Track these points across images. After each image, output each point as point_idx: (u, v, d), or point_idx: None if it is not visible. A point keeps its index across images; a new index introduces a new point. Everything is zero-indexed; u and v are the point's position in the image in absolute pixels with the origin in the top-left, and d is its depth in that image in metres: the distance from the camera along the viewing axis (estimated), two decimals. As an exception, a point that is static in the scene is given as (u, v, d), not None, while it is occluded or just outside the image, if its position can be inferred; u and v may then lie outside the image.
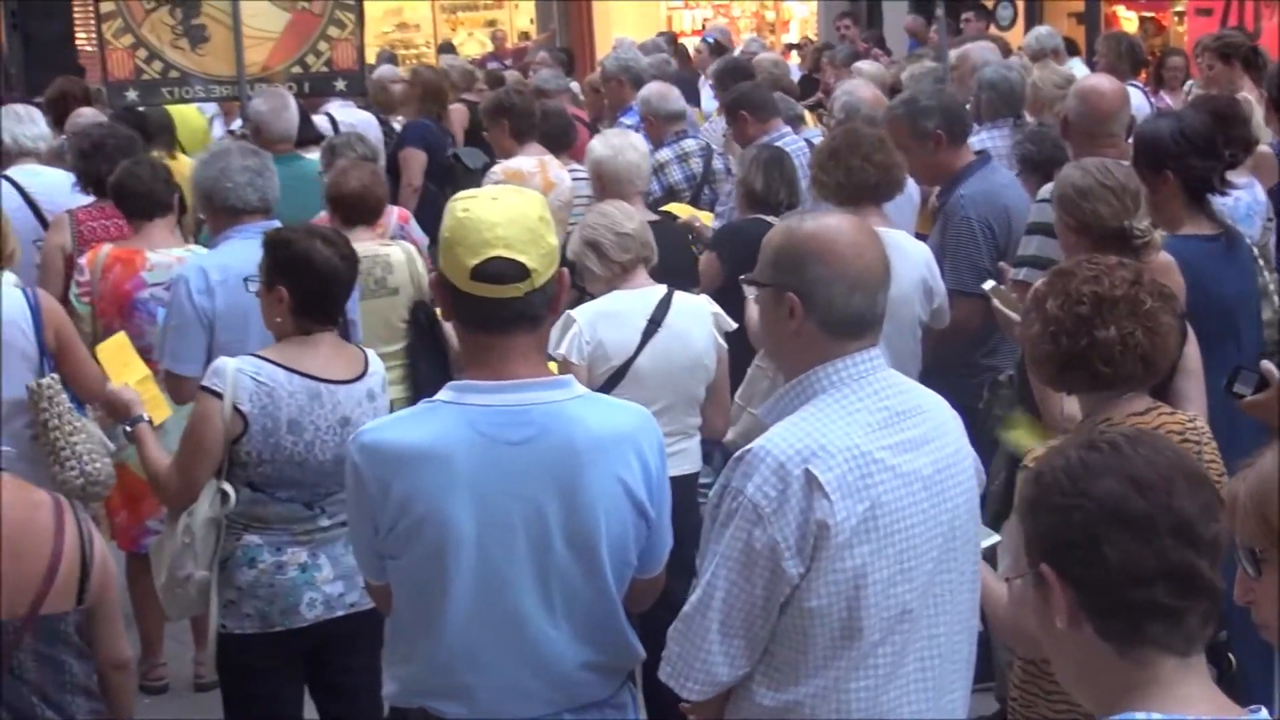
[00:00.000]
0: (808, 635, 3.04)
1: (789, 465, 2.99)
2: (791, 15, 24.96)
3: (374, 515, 3.32)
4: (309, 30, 9.72)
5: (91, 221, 7.03)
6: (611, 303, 5.54)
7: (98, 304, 6.32)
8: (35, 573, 3.73)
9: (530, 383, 3.30)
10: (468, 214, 3.26)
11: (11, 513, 3.73)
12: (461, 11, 28.11)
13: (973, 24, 14.81)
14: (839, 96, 8.27)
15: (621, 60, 10.80)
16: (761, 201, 6.81)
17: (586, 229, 5.63)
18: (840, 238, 3.17)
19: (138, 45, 9.35)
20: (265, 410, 4.48)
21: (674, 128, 9.02)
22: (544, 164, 8.30)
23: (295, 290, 4.56)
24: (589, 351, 5.42)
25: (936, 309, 6.02)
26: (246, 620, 4.63)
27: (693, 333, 5.57)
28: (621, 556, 3.36)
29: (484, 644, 3.30)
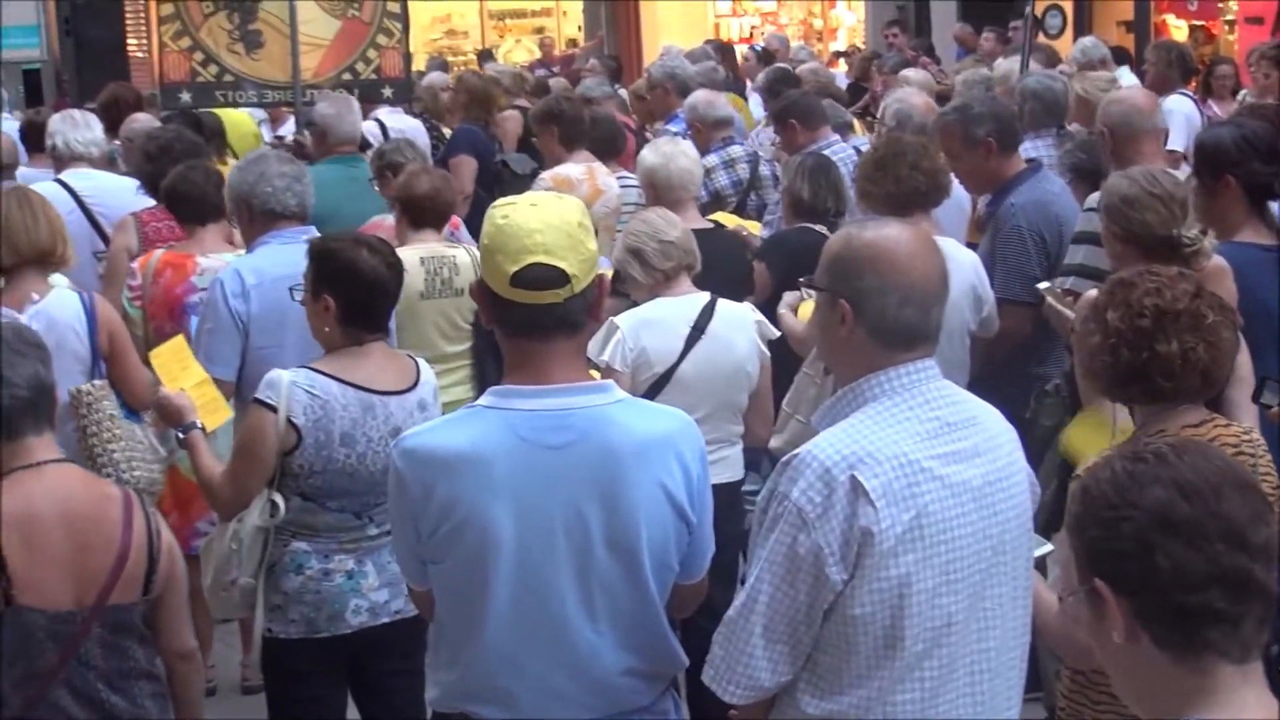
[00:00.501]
0: (851, 643, 3.04)
1: (834, 471, 2.99)
2: (840, 23, 24.93)
3: (416, 520, 3.33)
4: (359, 38, 9.82)
5: (155, 223, 7.08)
6: (655, 310, 5.55)
7: (149, 308, 6.35)
8: (104, 564, 3.81)
9: (571, 387, 3.30)
10: (507, 221, 3.27)
11: (82, 506, 3.83)
12: (510, 19, 28.19)
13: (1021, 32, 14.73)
14: (891, 104, 8.26)
15: (667, 68, 10.81)
16: (809, 210, 6.80)
17: (629, 236, 5.65)
18: (898, 249, 3.16)
19: (194, 48, 9.45)
20: (318, 424, 4.51)
21: (720, 134, 9.03)
22: (592, 171, 8.31)
23: (341, 300, 4.58)
24: (632, 358, 5.44)
25: (985, 317, 6.00)
26: (292, 625, 4.67)
27: (736, 340, 5.58)
28: (663, 561, 3.36)
29: (524, 649, 3.31)
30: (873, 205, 6.00)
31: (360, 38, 9.88)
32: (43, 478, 3.81)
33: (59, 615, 3.78)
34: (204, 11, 9.47)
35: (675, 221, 5.72)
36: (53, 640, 3.79)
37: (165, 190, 6.61)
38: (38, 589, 3.75)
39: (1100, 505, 2.17)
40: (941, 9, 19.30)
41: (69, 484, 3.86)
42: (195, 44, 9.47)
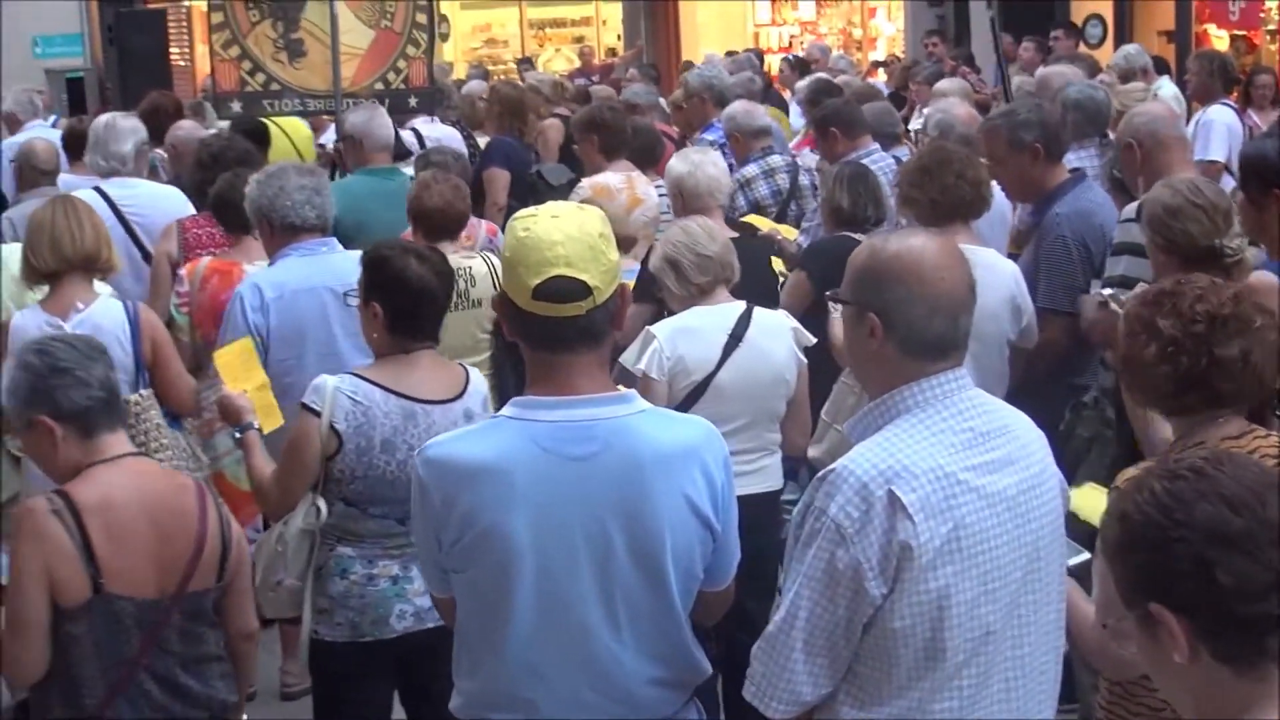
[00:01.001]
0: (892, 656, 3.04)
1: (872, 486, 2.99)
2: (879, 33, 24.92)
3: (437, 529, 3.34)
4: (391, 48, 9.87)
5: (197, 229, 7.11)
6: (691, 318, 5.55)
7: (195, 314, 6.38)
8: (183, 552, 3.98)
9: (593, 398, 3.29)
10: (528, 233, 3.26)
11: (161, 496, 4.01)
12: (549, 28, 28.28)
13: (1062, 42, 14.71)
14: (933, 115, 8.24)
15: (705, 77, 10.78)
16: (849, 219, 6.80)
17: (668, 245, 5.64)
18: (924, 259, 3.15)
19: (243, 57, 9.52)
20: (360, 430, 4.54)
21: (760, 144, 9.02)
22: (631, 180, 8.28)
23: (389, 307, 4.61)
24: (669, 367, 5.43)
25: (1025, 327, 5.97)
26: (338, 629, 4.72)
27: (773, 348, 5.56)
28: (687, 570, 3.35)
29: (546, 658, 3.31)
30: (916, 212, 5.98)
31: (392, 48, 9.94)
32: (122, 470, 3.99)
33: (146, 603, 3.93)
34: (251, 20, 9.53)
35: (716, 234, 5.70)
36: (139, 627, 3.93)
37: (213, 198, 6.66)
38: (125, 577, 3.90)
39: (1147, 529, 2.15)
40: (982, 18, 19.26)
41: (147, 475, 4.06)
42: (244, 52, 9.54)
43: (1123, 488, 2.25)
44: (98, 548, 3.86)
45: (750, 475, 5.43)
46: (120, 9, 19.33)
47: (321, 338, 5.71)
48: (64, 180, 8.94)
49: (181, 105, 10.69)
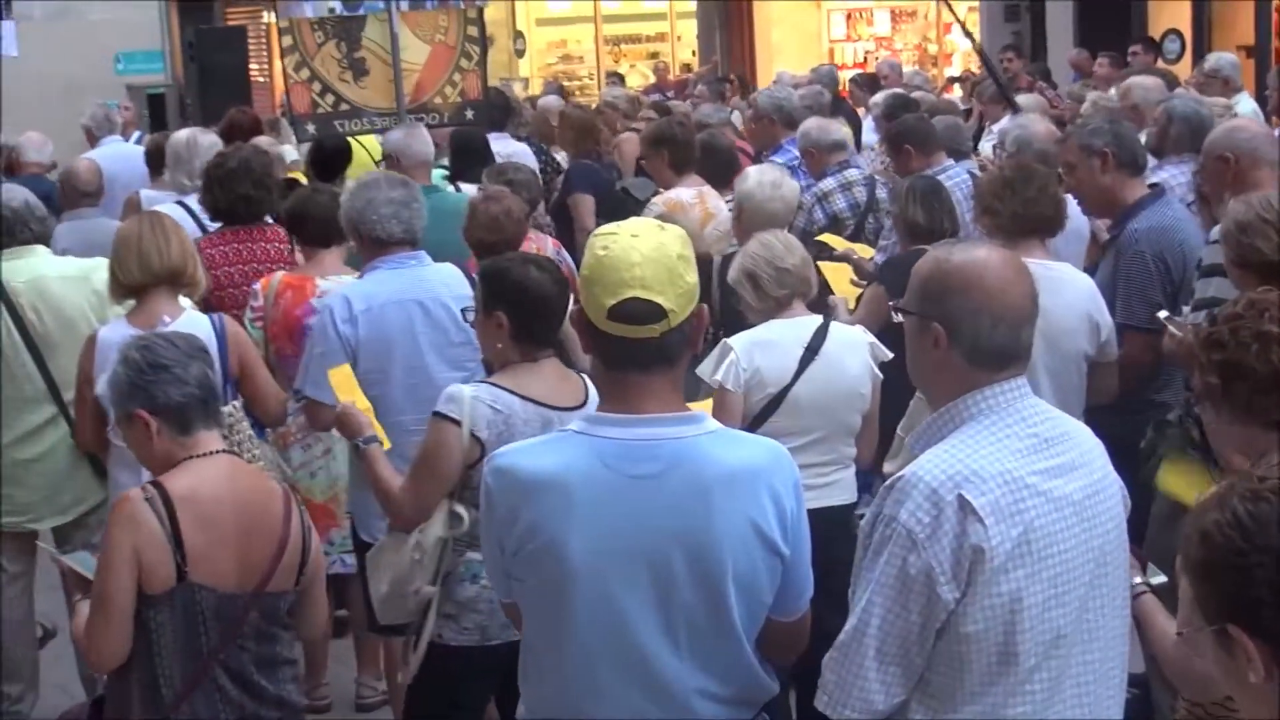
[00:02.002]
0: (964, 661, 3.05)
1: (941, 491, 3.01)
2: (954, 48, 24.85)
3: (501, 537, 3.35)
4: (446, 62, 9.94)
5: (210, 249, 7.07)
6: (768, 331, 5.56)
7: (269, 329, 6.43)
8: (266, 552, 4.10)
9: (661, 418, 3.28)
10: (607, 253, 3.24)
11: (250, 494, 4.13)
12: (625, 44, 28.38)
13: (1140, 57, 14.62)
14: (1011, 130, 8.21)
15: (775, 99, 10.77)
16: (925, 233, 6.77)
17: (747, 258, 5.65)
18: (987, 271, 3.18)
19: (312, 79, 9.60)
20: (502, 437, 4.52)
21: (836, 158, 9.00)
22: (703, 195, 8.31)
23: (513, 315, 4.65)
24: (745, 379, 5.43)
25: (1104, 343, 5.93)
26: (465, 633, 4.74)
27: (849, 361, 5.57)
28: (752, 595, 3.31)
29: (605, 675, 3.29)
30: (996, 225, 5.97)
31: (447, 62, 10.01)
32: (214, 465, 4.12)
33: (226, 596, 4.03)
34: (317, 41, 9.62)
35: (795, 248, 5.71)
36: (217, 620, 4.03)
37: (289, 211, 6.71)
38: (208, 568, 4.01)
39: (1227, 551, 2.13)
40: (1058, 33, 19.18)
41: (239, 473, 4.19)
42: (313, 74, 9.63)
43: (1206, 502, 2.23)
44: (186, 536, 3.97)
45: (824, 489, 5.45)
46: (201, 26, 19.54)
47: (408, 351, 5.73)
48: (146, 195, 9.02)
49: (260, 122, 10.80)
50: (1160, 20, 18.28)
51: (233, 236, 7.12)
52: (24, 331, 6.40)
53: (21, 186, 7.19)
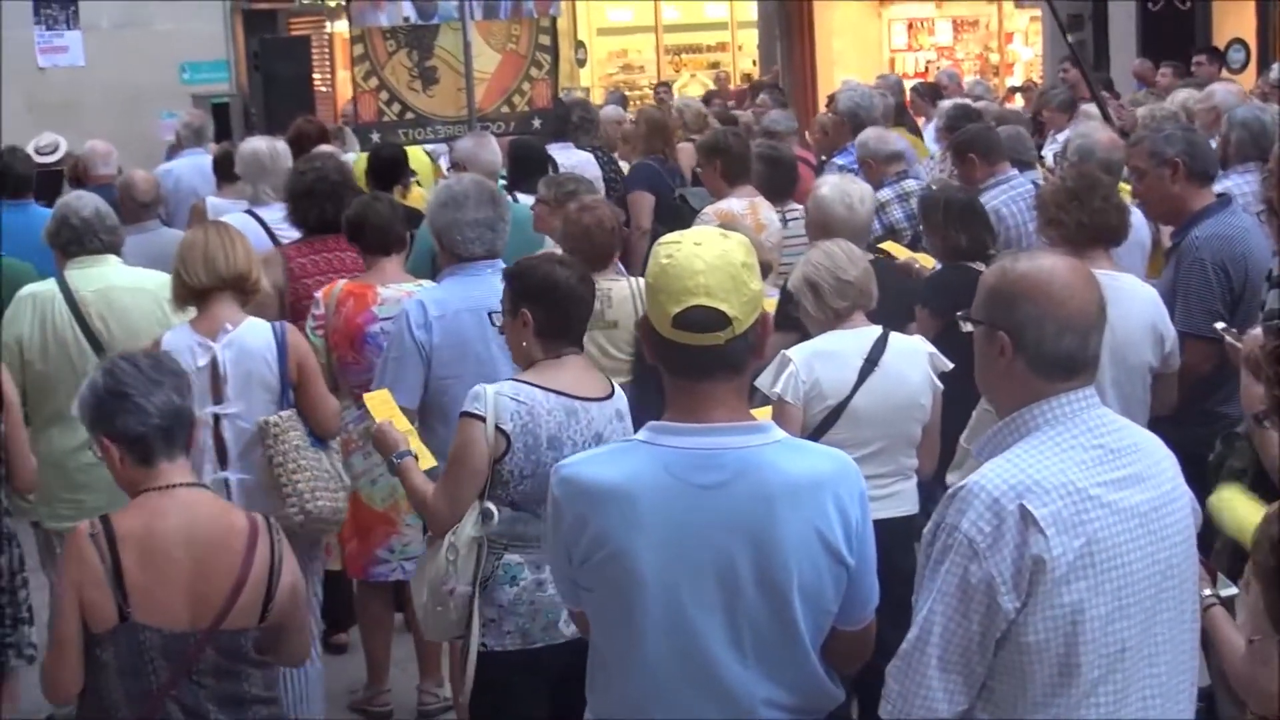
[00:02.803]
0: (1026, 671, 3.05)
1: (1003, 501, 3.02)
2: (1016, 58, 24.76)
3: (568, 546, 3.36)
4: (516, 71, 10.01)
5: (300, 258, 7.19)
6: (827, 342, 5.55)
7: (331, 337, 6.47)
8: (221, 590, 3.93)
9: (727, 427, 3.29)
10: (671, 261, 3.26)
11: (205, 530, 3.97)
12: (685, 53, 28.40)
13: (1204, 67, 14.53)
14: (1073, 139, 8.18)
15: (854, 101, 10.80)
16: (967, 252, 6.77)
17: (809, 267, 5.63)
18: (1053, 279, 3.17)
19: (380, 87, 9.68)
20: (526, 428, 4.60)
21: (894, 169, 9.03)
22: (755, 205, 8.29)
23: (538, 312, 4.69)
24: (805, 391, 5.43)
25: (1168, 354, 5.90)
26: (508, 638, 4.74)
27: (909, 373, 5.56)
28: (817, 604, 3.33)
29: (673, 684, 3.31)
30: (1062, 235, 5.95)
31: (517, 70, 10.07)
32: (171, 499, 3.97)
33: (174, 635, 3.91)
34: (388, 50, 9.69)
35: (857, 259, 5.70)
36: (165, 658, 3.91)
37: (349, 220, 6.72)
38: (154, 607, 3.90)
39: None
40: (1121, 43, 19.06)
41: (196, 508, 4.00)
42: (381, 83, 9.71)
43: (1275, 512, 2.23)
44: (128, 575, 3.88)
45: (884, 500, 5.43)
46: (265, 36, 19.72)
47: (482, 357, 5.77)
48: (212, 204, 9.11)
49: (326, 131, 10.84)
50: (1224, 29, 18.14)
51: (321, 245, 7.18)
52: (92, 339, 6.47)
53: (94, 195, 7.24)
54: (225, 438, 5.87)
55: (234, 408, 5.85)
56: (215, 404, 5.83)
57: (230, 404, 5.84)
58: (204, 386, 5.79)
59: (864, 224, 6.83)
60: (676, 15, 28.64)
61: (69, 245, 6.74)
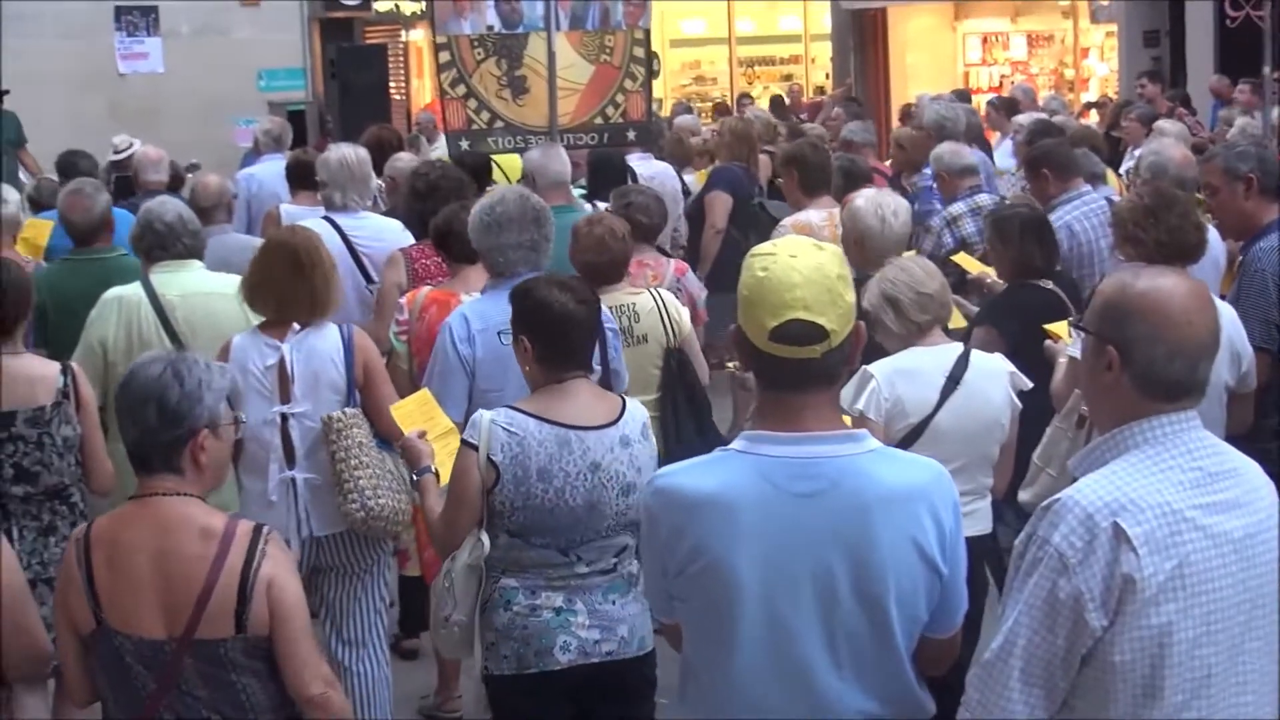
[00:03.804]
0: (1109, 691, 3.03)
1: (1097, 517, 3.00)
2: (1091, 73, 24.62)
3: (664, 558, 3.37)
4: (609, 82, 10.00)
5: (424, 260, 7.25)
6: (909, 359, 5.51)
7: (413, 343, 6.48)
8: (187, 598, 3.85)
9: (823, 436, 3.29)
10: (767, 274, 3.26)
11: (172, 540, 3.88)
12: (758, 66, 28.39)
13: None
14: (1146, 156, 8.16)
15: (940, 114, 10.80)
16: (1035, 269, 6.75)
17: (886, 283, 5.59)
18: (1172, 301, 3.14)
19: (469, 95, 9.71)
20: (516, 459, 4.58)
21: (967, 183, 9.04)
22: (832, 217, 8.28)
23: (535, 339, 4.69)
24: (887, 408, 5.40)
25: (1244, 373, 5.86)
26: (504, 661, 4.73)
27: (990, 391, 5.52)
28: (911, 613, 3.33)
29: (770, 694, 3.30)
30: (1140, 252, 5.93)
31: (610, 82, 10.07)
32: (144, 508, 3.92)
33: (145, 642, 3.87)
34: (476, 58, 9.73)
35: (934, 273, 5.67)
36: (144, 666, 3.88)
37: (436, 228, 6.75)
38: (123, 614, 3.88)
39: None
40: (1198, 59, 18.93)
41: (169, 518, 3.91)
42: (469, 91, 9.74)
43: None
44: (98, 581, 3.88)
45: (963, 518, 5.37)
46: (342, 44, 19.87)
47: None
48: (287, 210, 9.10)
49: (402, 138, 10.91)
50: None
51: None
52: (176, 342, 6.52)
53: (177, 200, 7.33)
54: (292, 437, 5.92)
55: (301, 407, 5.89)
56: (283, 404, 5.89)
57: (297, 404, 5.89)
58: (271, 387, 5.87)
59: (899, 237, 6.76)
60: (750, 27, 28.63)
61: (153, 250, 6.83)
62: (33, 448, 5.79)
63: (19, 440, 5.77)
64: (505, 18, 9.79)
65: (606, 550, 4.72)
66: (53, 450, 5.82)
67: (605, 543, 4.71)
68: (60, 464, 5.85)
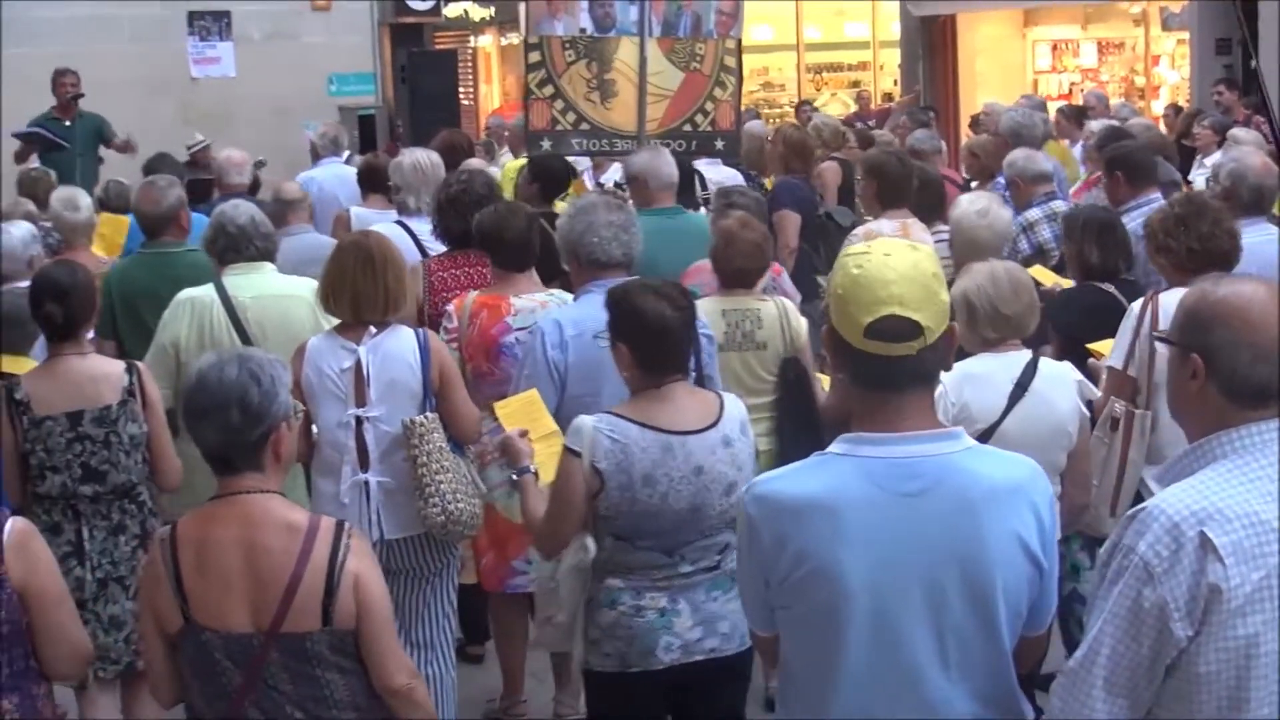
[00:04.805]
0: (1193, 701, 3.01)
1: (1183, 526, 2.98)
2: (1162, 81, 24.42)
3: (765, 567, 3.35)
4: (699, 90, 10.04)
5: (442, 271, 7.25)
6: (977, 365, 5.50)
7: (465, 349, 6.50)
8: (275, 593, 3.92)
9: (921, 435, 3.29)
10: (862, 271, 3.27)
11: (259, 535, 3.95)
12: (826, 72, 28.37)
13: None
14: (1225, 163, 8.08)
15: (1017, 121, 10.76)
16: (1099, 271, 6.72)
17: (972, 286, 5.56)
18: (1251, 305, 3.13)
19: (556, 96, 9.75)
20: (620, 466, 4.61)
21: (1042, 189, 9.02)
22: (906, 226, 8.26)
23: (633, 344, 4.71)
24: (954, 413, 5.37)
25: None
26: (606, 659, 4.78)
27: (1058, 399, 5.51)
28: (1016, 609, 3.33)
29: (877, 698, 3.29)
30: (1172, 261, 5.94)
31: (700, 90, 10.10)
32: (231, 507, 3.97)
33: (233, 637, 3.93)
34: (566, 60, 9.77)
35: (1024, 292, 5.60)
36: (231, 660, 3.94)
37: (485, 233, 6.70)
38: (211, 610, 3.93)
39: None
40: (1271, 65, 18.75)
41: (255, 514, 3.98)
42: (557, 91, 9.79)
43: None
44: (186, 579, 3.94)
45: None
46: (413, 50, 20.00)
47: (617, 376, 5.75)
48: (358, 214, 9.22)
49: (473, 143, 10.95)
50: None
51: (463, 260, 7.24)
52: (248, 343, 6.53)
53: (249, 204, 7.38)
54: (367, 440, 5.94)
55: (376, 411, 5.92)
56: (358, 407, 5.91)
57: (373, 407, 5.91)
58: (347, 389, 5.89)
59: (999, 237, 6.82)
60: (818, 34, 28.60)
61: (226, 252, 6.90)
62: (100, 446, 5.86)
63: (86, 440, 5.84)
64: (598, 21, 9.84)
65: (710, 549, 4.75)
66: (120, 449, 5.89)
67: (708, 542, 4.74)
68: (127, 462, 5.92)
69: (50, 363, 6.00)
